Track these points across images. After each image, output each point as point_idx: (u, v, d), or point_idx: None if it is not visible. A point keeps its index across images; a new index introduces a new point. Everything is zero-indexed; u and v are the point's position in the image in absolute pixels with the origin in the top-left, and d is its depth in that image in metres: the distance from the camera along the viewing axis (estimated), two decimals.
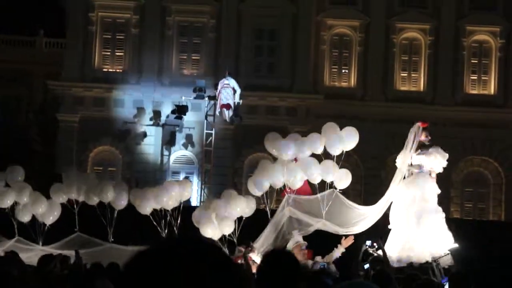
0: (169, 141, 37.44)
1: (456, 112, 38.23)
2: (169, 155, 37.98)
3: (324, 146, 15.82)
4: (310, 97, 38.40)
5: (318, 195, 15.43)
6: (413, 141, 15.17)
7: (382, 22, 39.80)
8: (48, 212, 16.95)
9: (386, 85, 39.76)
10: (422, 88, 39.93)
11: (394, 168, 15.91)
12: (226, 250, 14.83)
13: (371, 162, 36.67)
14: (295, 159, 16.07)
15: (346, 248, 14.19)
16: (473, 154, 39.01)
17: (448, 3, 39.52)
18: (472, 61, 39.93)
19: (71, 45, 39.30)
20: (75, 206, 17.15)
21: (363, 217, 15.37)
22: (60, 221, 17.03)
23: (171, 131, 37.10)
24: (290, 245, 14.13)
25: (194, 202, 34.54)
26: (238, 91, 30.39)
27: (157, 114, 38.22)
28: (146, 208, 16.91)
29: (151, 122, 37.98)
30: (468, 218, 35.48)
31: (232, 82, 30.10)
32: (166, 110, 37.67)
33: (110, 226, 16.95)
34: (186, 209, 17.53)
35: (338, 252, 14.26)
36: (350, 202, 15.76)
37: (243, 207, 16.09)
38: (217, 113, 30.96)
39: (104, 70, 39.38)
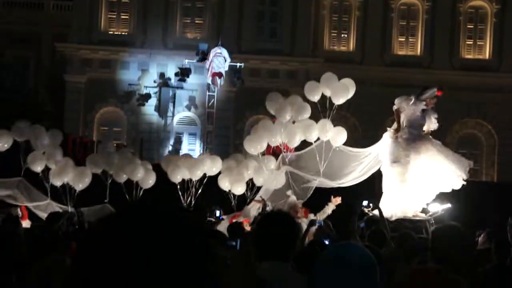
0: (172, 102, 37.34)
1: (452, 76, 38.09)
2: (172, 116, 37.91)
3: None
4: (310, 60, 38.25)
5: (313, 146, 15.43)
6: (420, 99, 14.96)
7: None
8: (79, 179, 16.75)
9: (384, 50, 39.60)
10: (419, 53, 39.78)
11: None
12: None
13: (369, 124, 36.58)
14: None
15: (341, 206, 14.18)
16: (468, 116, 38.98)
17: None
18: (468, 26, 39.71)
19: (78, 7, 39.03)
20: (107, 178, 17.06)
21: (359, 162, 15.31)
22: (91, 190, 16.86)
23: (174, 93, 36.99)
24: (285, 206, 14.12)
25: None
26: (228, 60, 30.12)
27: (161, 76, 38.08)
28: (177, 176, 16.88)
29: (155, 84, 37.83)
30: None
31: (224, 52, 29.82)
32: (170, 73, 37.52)
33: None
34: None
35: (329, 209, 14.28)
36: (345, 147, 15.67)
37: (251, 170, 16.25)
38: (208, 80, 30.65)
39: (110, 33, 39.18)
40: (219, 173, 16.91)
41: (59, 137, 17.76)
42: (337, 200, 14.37)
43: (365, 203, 13.74)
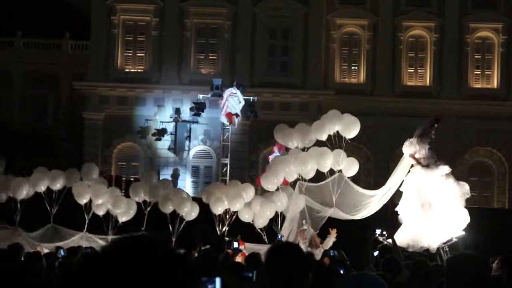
0: (188, 136, 37.39)
1: (461, 106, 37.99)
2: (188, 150, 37.94)
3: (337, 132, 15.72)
4: (321, 93, 38.28)
5: (328, 180, 15.32)
6: (421, 137, 14.96)
7: (389, 21, 39.61)
8: (124, 210, 16.52)
9: (394, 81, 39.56)
10: (428, 83, 39.72)
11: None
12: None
13: (381, 155, 36.42)
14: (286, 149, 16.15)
15: (354, 235, 14.07)
16: (478, 145, 38.77)
17: (452, 2, 39.27)
18: (476, 56, 39.66)
19: (95, 47, 39.38)
20: (145, 206, 16.84)
21: (370, 201, 15.24)
22: (132, 220, 16.66)
23: (189, 127, 37.04)
24: (299, 237, 14.02)
25: None
26: (242, 102, 30.03)
27: (177, 111, 38.16)
28: (218, 208, 16.67)
29: (171, 119, 37.88)
30: (474, 206, 35.17)
31: (239, 93, 29.80)
32: (185, 108, 37.60)
33: (174, 234, 16.57)
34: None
35: (330, 240, 14.19)
36: (357, 187, 15.62)
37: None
38: (221, 119, 30.53)
39: (126, 70, 39.43)
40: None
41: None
42: (334, 232, 14.33)
43: (378, 231, 13.60)
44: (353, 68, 40.13)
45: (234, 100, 29.51)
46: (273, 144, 27.67)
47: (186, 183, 37.83)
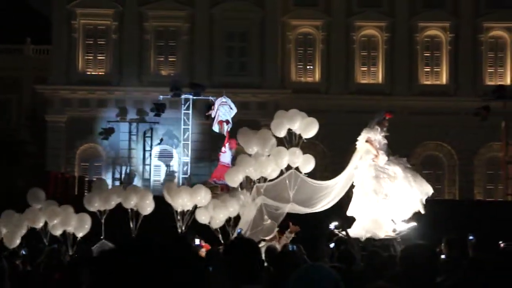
0: (149, 136, 37.31)
1: (412, 102, 38.46)
2: (150, 150, 37.87)
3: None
4: (279, 92, 38.46)
5: (284, 176, 15.39)
6: (374, 125, 15.10)
7: (342, 21, 39.94)
8: (79, 225, 16.13)
9: (348, 79, 39.89)
10: (380, 81, 40.12)
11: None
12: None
13: (336, 151, 36.66)
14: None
15: (311, 230, 14.16)
16: (429, 139, 39.23)
17: (402, 2, 39.72)
18: (425, 54, 40.16)
19: (56, 51, 39.10)
20: (101, 215, 16.49)
21: (325, 193, 15.34)
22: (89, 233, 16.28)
23: (151, 128, 36.97)
24: (264, 232, 14.09)
25: None
26: (234, 110, 29.93)
27: (138, 112, 38.10)
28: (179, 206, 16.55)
29: (132, 120, 37.80)
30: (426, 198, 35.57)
31: (229, 101, 29.87)
32: (146, 108, 37.51)
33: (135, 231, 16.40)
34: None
35: (290, 237, 14.26)
36: (312, 180, 15.69)
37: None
38: (213, 128, 30.47)
39: (88, 73, 39.24)
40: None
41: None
42: (296, 228, 14.39)
43: (333, 225, 13.74)
44: (308, 67, 40.38)
45: (224, 109, 29.53)
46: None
47: (150, 182, 37.77)
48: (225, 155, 25.18)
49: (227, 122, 29.49)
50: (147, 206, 16.63)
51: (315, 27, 40.26)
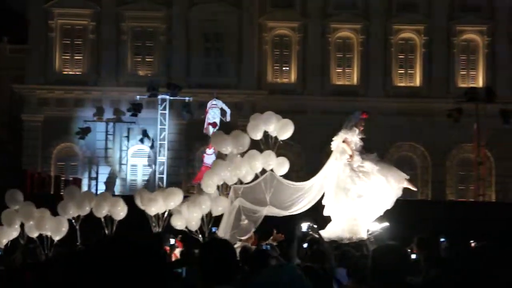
0: (126, 136, 37.17)
1: (387, 103, 38.63)
2: (127, 150, 37.75)
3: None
4: (255, 93, 38.49)
5: (260, 180, 15.32)
6: (351, 126, 15.14)
7: (318, 23, 40.04)
8: (55, 228, 15.90)
9: (323, 80, 39.99)
10: (355, 82, 40.26)
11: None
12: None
13: (311, 151, 36.74)
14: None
15: (288, 231, 14.16)
16: (402, 140, 39.43)
17: (377, 5, 39.91)
18: (400, 56, 40.37)
19: (34, 50, 38.82)
20: (76, 221, 16.26)
21: (301, 194, 15.32)
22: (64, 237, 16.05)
23: (128, 127, 36.81)
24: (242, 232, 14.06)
25: None
26: (228, 111, 29.56)
27: (115, 112, 37.94)
28: (152, 209, 16.31)
29: (109, 119, 37.65)
30: (399, 198, 35.73)
31: (220, 103, 29.59)
32: (123, 108, 37.36)
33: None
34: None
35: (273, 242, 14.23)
36: (288, 181, 15.64)
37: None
38: (204, 130, 30.25)
39: (65, 73, 39.00)
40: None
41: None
42: (279, 237, 14.33)
43: (305, 225, 13.77)
44: (284, 68, 40.45)
45: (214, 111, 29.34)
46: (209, 143, 27.72)
47: (127, 182, 37.66)
48: (210, 157, 25.24)
49: (214, 124, 29.45)
50: (120, 212, 16.46)
51: (292, 29, 40.33)
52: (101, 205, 16.30)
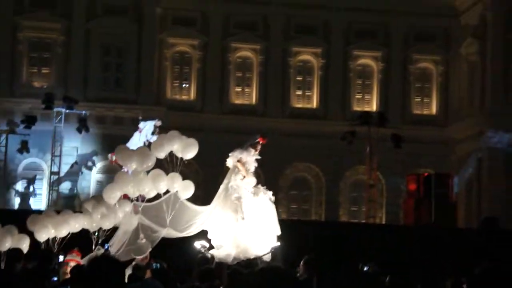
0: (19, 148, 36.15)
1: (284, 124, 39.16)
2: (20, 162, 36.82)
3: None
4: (153, 108, 38.20)
5: (163, 199, 15.15)
6: (247, 146, 15.28)
7: (218, 42, 40.30)
8: None
9: (221, 99, 40.22)
10: (254, 102, 40.67)
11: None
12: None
13: (209, 169, 36.81)
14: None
15: (183, 250, 14.12)
16: (298, 161, 40.03)
17: (276, 27, 40.55)
18: (297, 78, 41.07)
19: None
20: None
21: (200, 216, 15.31)
22: None
23: (21, 140, 35.81)
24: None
25: (43, 206, 33.73)
26: (150, 137, 27.19)
27: (9, 123, 36.90)
28: (43, 235, 15.45)
29: (2, 131, 36.63)
30: (294, 218, 36.33)
31: (147, 126, 26.86)
32: (17, 120, 36.42)
33: None
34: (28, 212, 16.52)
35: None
36: (192, 205, 15.54)
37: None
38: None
39: None
40: None
41: None
42: (145, 259, 14.13)
43: (198, 244, 13.80)
44: (184, 85, 40.47)
45: (136, 136, 27.45)
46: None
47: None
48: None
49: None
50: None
51: (192, 46, 40.43)
52: (4, 239, 15.23)
